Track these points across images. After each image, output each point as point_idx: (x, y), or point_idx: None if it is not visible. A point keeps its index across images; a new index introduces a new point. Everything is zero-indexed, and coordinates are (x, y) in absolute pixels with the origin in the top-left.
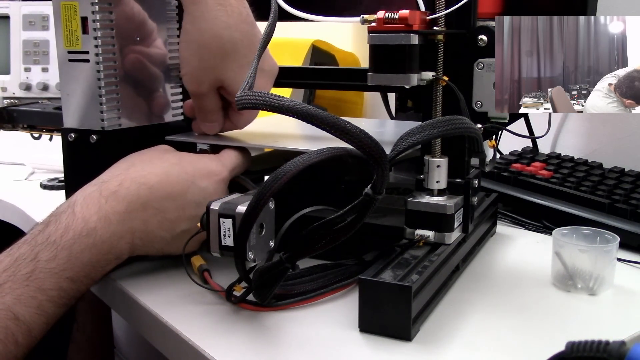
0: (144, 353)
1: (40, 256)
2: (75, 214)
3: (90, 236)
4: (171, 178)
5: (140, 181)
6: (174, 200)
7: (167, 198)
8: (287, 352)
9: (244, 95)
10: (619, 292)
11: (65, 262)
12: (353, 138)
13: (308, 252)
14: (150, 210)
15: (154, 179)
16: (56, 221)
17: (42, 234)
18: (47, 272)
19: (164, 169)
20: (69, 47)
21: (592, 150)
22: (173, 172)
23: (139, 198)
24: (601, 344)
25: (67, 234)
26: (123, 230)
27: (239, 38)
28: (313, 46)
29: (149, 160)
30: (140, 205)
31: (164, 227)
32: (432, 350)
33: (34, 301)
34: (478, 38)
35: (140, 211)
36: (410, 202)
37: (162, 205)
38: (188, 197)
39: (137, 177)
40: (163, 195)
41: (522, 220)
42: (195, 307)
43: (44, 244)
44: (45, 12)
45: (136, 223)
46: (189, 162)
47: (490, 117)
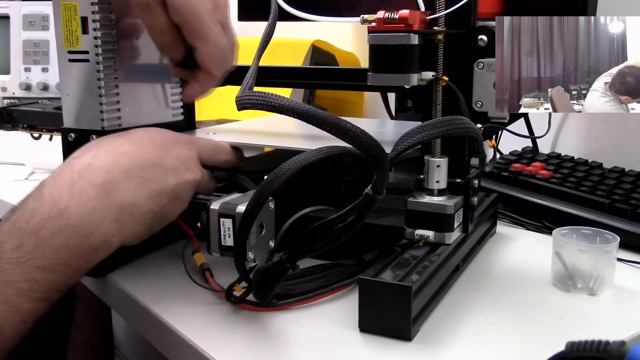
0: (144, 353)
1: (4, 245)
2: (43, 195)
3: (61, 217)
4: (145, 146)
5: (117, 150)
6: (156, 167)
7: (148, 165)
8: (287, 352)
9: (245, 95)
10: (619, 292)
11: (32, 250)
12: (353, 138)
13: (308, 252)
14: (135, 179)
15: (129, 147)
16: (22, 206)
17: (7, 221)
18: (13, 262)
19: (134, 139)
20: (69, 47)
21: (592, 150)
22: (144, 140)
23: (119, 166)
24: (601, 344)
25: (33, 218)
26: (105, 205)
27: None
28: (313, 46)
29: (116, 135)
30: (123, 174)
31: (152, 198)
32: (432, 350)
33: (1, 296)
34: (478, 38)
35: (125, 180)
36: (410, 202)
37: (146, 173)
38: (167, 164)
39: (111, 147)
40: (144, 162)
41: (522, 220)
42: (195, 307)
43: (9, 233)
44: (45, 12)
45: (121, 194)
46: (156, 131)
47: (490, 117)
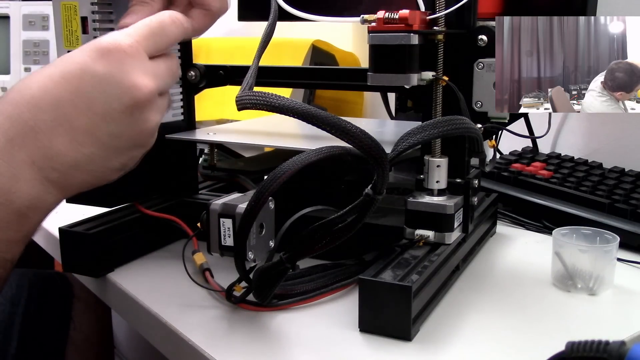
0: (144, 353)
1: None
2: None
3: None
4: (54, 78)
5: (18, 97)
6: (71, 102)
7: (60, 104)
8: (287, 352)
9: (245, 95)
10: (619, 292)
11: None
12: (353, 138)
13: (308, 252)
14: (44, 129)
15: (34, 87)
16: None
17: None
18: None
19: (44, 73)
20: (69, 47)
21: (592, 150)
22: (56, 70)
23: (21, 119)
24: (601, 344)
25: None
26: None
27: None
28: (313, 46)
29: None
30: (26, 127)
31: (80, 141)
32: (432, 350)
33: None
34: (478, 38)
35: (30, 135)
36: (410, 202)
37: (58, 115)
38: (89, 92)
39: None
40: (53, 103)
41: (522, 220)
42: (195, 307)
43: None
44: (45, 12)
45: (33, 151)
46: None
47: (490, 117)
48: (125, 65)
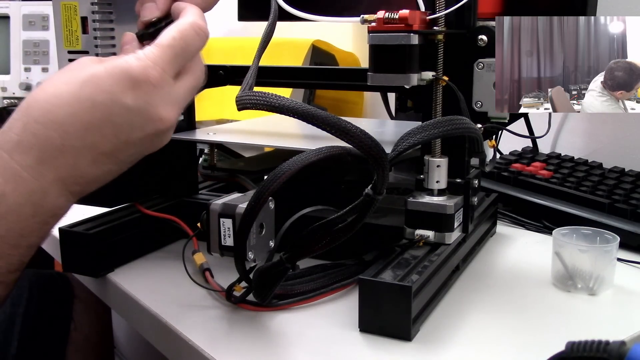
0: (144, 353)
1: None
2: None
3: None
4: (84, 104)
5: (47, 118)
6: (99, 129)
7: (88, 131)
8: (287, 352)
9: (245, 95)
10: (619, 292)
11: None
12: (353, 138)
13: (308, 252)
14: (71, 152)
15: (63, 111)
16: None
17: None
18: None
19: (73, 94)
20: (69, 47)
21: (592, 150)
22: (85, 94)
23: (50, 142)
24: (601, 344)
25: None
26: (45, 185)
27: None
28: (313, 46)
29: (53, 87)
30: (56, 151)
31: (102, 161)
32: (432, 350)
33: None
34: (478, 38)
35: (59, 157)
36: (410, 202)
37: (86, 141)
38: (117, 121)
39: (42, 114)
40: (81, 129)
41: (522, 220)
42: (195, 307)
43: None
44: (45, 12)
45: (61, 171)
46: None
47: (490, 117)
48: (153, 99)
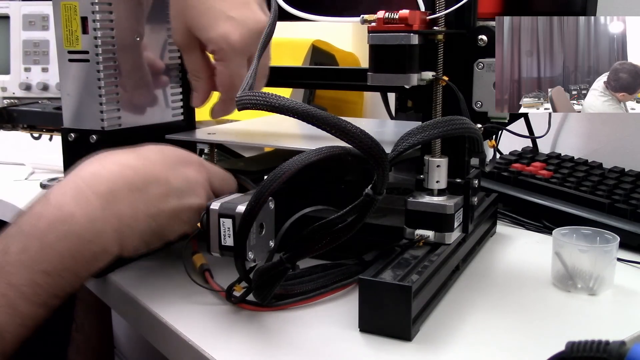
0: (144, 353)
1: (10, 248)
2: (49, 200)
3: (66, 223)
4: (154, 163)
5: (123, 163)
6: (159, 184)
7: (152, 181)
8: (287, 352)
9: (244, 95)
10: (619, 292)
11: (37, 253)
12: (353, 138)
13: (308, 252)
14: (137, 193)
15: (137, 162)
16: (29, 211)
17: (14, 225)
18: (18, 264)
19: (144, 155)
20: (69, 47)
21: (592, 150)
22: (155, 157)
23: (123, 178)
24: (601, 344)
25: (39, 222)
26: (107, 215)
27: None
28: (313, 46)
29: (128, 149)
30: (125, 186)
31: (151, 213)
32: (432, 350)
33: (4, 299)
34: (478, 38)
35: (126, 193)
36: (410, 202)
37: (148, 189)
38: (172, 183)
39: (118, 160)
40: (148, 178)
41: (522, 220)
42: (195, 307)
43: (15, 235)
44: (45, 12)
45: (122, 206)
46: (168, 149)
47: (490, 117)
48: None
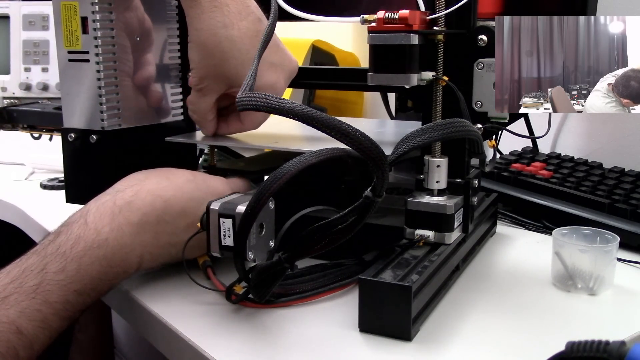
0: (144, 353)
1: (48, 267)
2: (88, 224)
3: (101, 248)
4: (185, 194)
5: (156, 193)
6: (187, 216)
7: (180, 214)
8: (287, 352)
9: (244, 97)
10: (619, 292)
11: (74, 275)
12: (353, 141)
13: (307, 252)
14: (163, 224)
15: (169, 192)
16: (67, 231)
17: (52, 244)
18: (55, 284)
19: (178, 185)
20: (69, 47)
21: (592, 150)
22: (187, 188)
23: (154, 210)
24: (601, 344)
25: (77, 245)
26: (135, 243)
27: (237, 35)
28: (313, 46)
29: (165, 173)
30: (154, 218)
31: (173, 242)
32: (432, 350)
33: (39, 314)
34: (478, 38)
35: (154, 224)
36: (410, 202)
37: (175, 220)
38: (198, 215)
39: (153, 188)
40: (177, 211)
41: (522, 220)
42: (195, 307)
43: (54, 255)
44: (45, 12)
45: (148, 236)
46: (203, 180)
47: (490, 117)
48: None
